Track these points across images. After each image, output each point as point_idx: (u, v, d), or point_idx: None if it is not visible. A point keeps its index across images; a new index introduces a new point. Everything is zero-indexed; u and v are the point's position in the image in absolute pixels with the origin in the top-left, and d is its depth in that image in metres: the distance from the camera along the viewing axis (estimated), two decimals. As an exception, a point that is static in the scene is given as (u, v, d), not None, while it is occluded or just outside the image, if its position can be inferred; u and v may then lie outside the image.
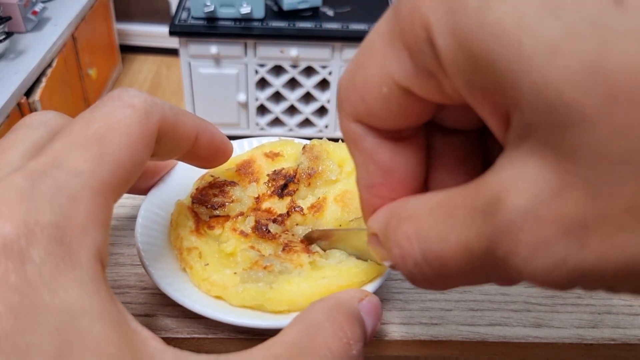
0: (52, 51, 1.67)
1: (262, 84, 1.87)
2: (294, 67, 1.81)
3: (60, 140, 0.21)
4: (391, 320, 0.31)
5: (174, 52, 2.30)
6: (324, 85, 1.88)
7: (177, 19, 1.74)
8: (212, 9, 1.69)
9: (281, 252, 0.31)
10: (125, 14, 2.43)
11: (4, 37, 1.52)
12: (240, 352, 0.21)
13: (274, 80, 1.84)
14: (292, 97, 1.87)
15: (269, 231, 0.33)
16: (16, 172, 0.19)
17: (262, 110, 1.92)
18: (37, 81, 1.58)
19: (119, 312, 0.19)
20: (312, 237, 0.32)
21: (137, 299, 0.31)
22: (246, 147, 0.38)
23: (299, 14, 1.79)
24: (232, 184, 0.35)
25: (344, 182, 0.35)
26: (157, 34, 2.44)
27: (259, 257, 0.31)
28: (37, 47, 1.63)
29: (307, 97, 1.91)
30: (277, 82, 1.84)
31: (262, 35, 1.72)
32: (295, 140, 0.38)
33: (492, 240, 0.15)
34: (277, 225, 0.33)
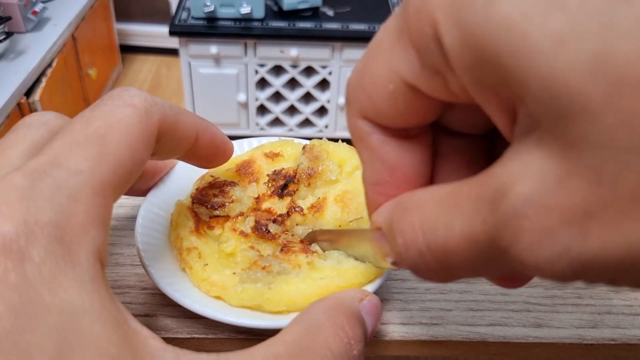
0: (52, 51, 1.67)
1: (262, 84, 1.87)
2: (294, 67, 1.81)
3: (60, 139, 0.21)
4: (391, 320, 0.31)
5: (174, 52, 2.30)
6: (324, 85, 1.88)
7: (177, 19, 1.74)
8: (212, 9, 1.69)
9: (279, 252, 0.31)
10: (125, 14, 2.43)
11: (4, 37, 1.52)
12: (240, 351, 0.21)
13: (274, 80, 1.84)
14: (292, 97, 1.87)
15: (269, 231, 0.33)
16: (16, 171, 0.19)
17: (262, 110, 1.92)
18: (37, 81, 1.58)
19: (118, 311, 0.19)
20: (313, 237, 0.32)
21: (137, 299, 0.31)
22: (246, 147, 0.38)
23: (299, 14, 1.79)
24: (232, 184, 0.35)
25: (344, 183, 0.35)
26: (157, 34, 2.44)
27: (258, 257, 0.31)
28: (37, 47, 1.63)
29: (307, 97, 1.91)
30: (277, 82, 1.84)
31: (262, 35, 1.72)
32: (295, 140, 0.38)
33: (497, 229, 0.15)
34: (277, 225, 0.33)
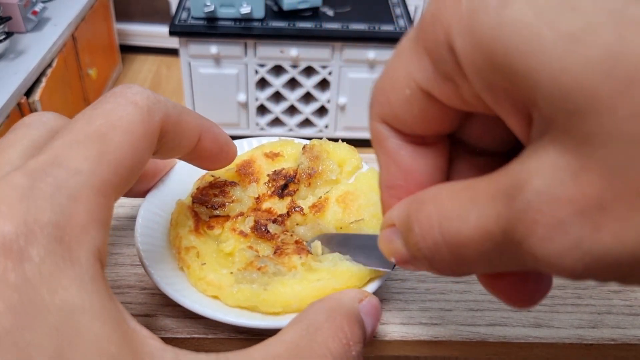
0: (52, 51, 1.66)
1: (262, 84, 1.87)
2: (294, 67, 1.81)
3: (61, 138, 0.21)
4: (391, 320, 0.31)
5: (174, 52, 2.30)
6: (324, 85, 1.88)
7: (177, 19, 1.74)
8: (212, 9, 1.69)
9: (273, 255, 0.31)
10: (125, 14, 2.43)
11: (4, 37, 1.52)
12: (239, 351, 0.21)
13: (274, 80, 1.84)
14: (292, 97, 1.87)
15: (268, 231, 0.32)
16: (16, 170, 0.19)
17: (262, 110, 1.92)
18: (37, 81, 1.58)
19: (118, 311, 0.19)
20: (321, 240, 0.32)
21: (137, 299, 0.31)
22: (246, 147, 0.38)
23: (299, 14, 1.79)
24: (233, 184, 0.35)
25: (346, 183, 0.35)
26: (157, 34, 2.44)
27: (254, 257, 0.31)
28: (37, 47, 1.63)
29: (307, 97, 1.90)
30: (277, 82, 1.84)
31: (262, 35, 1.72)
32: (295, 140, 0.38)
33: (511, 223, 0.16)
34: (277, 225, 0.33)
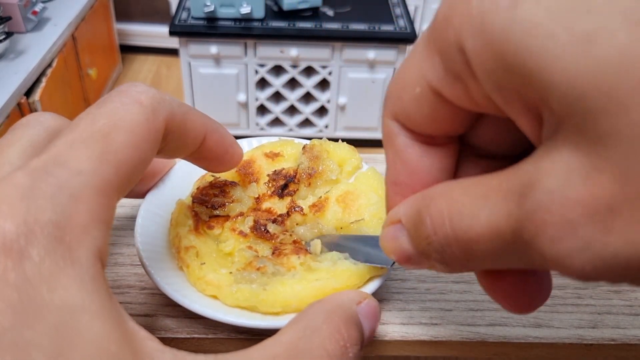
0: (52, 51, 1.66)
1: (262, 84, 1.87)
2: (294, 67, 1.81)
3: (64, 137, 0.20)
4: (391, 320, 0.31)
5: (174, 52, 2.30)
6: (324, 85, 1.88)
7: (177, 19, 1.74)
8: (212, 9, 1.69)
9: (272, 255, 0.31)
10: (125, 14, 2.43)
11: (4, 37, 1.52)
12: (238, 351, 0.21)
13: (274, 80, 1.84)
14: (292, 97, 1.87)
15: (268, 231, 0.32)
16: (18, 170, 0.19)
17: (262, 110, 1.92)
18: (37, 81, 1.58)
19: (118, 311, 0.19)
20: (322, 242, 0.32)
21: (137, 299, 0.31)
22: (246, 147, 0.38)
23: (299, 14, 1.79)
24: (233, 184, 0.35)
25: (346, 183, 0.35)
26: (157, 34, 2.44)
27: (254, 257, 0.31)
28: (37, 47, 1.63)
29: (307, 97, 1.90)
30: (277, 82, 1.84)
31: (262, 35, 1.72)
32: (295, 140, 0.38)
33: (521, 222, 0.16)
34: (277, 225, 0.33)
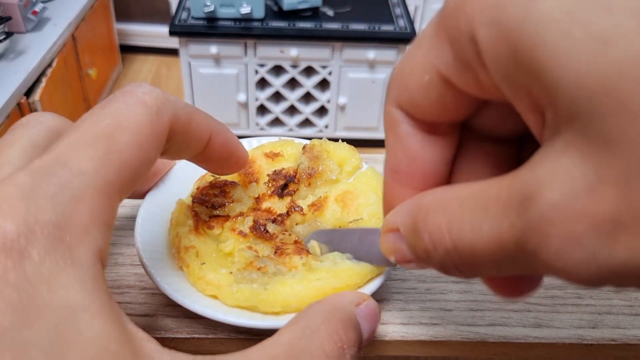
0: (52, 51, 1.66)
1: (262, 84, 1.87)
2: (294, 67, 1.81)
3: (67, 137, 0.20)
4: (391, 320, 0.31)
5: (174, 52, 2.30)
6: (324, 85, 1.88)
7: (177, 19, 1.74)
8: (212, 9, 1.69)
9: (274, 255, 0.31)
10: (125, 14, 2.43)
11: (4, 37, 1.52)
12: (237, 352, 0.21)
13: (274, 80, 1.84)
14: (292, 97, 1.87)
15: (267, 231, 0.32)
16: (21, 170, 0.19)
17: (262, 110, 1.92)
18: (37, 81, 1.58)
19: (117, 312, 0.19)
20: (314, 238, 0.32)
21: (137, 299, 0.31)
22: (246, 147, 0.38)
23: (299, 14, 1.79)
24: (233, 184, 0.35)
25: (345, 183, 0.35)
26: (157, 34, 2.44)
27: (254, 257, 0.31)
28: (37, 47, 1.63)
29: (307, 97, 1.90)
30: (277, 82, 1.84)
31: (262, 35, 1.72)
32: (295, 140, 0.38)
33: (524, 234, 0.15)
34: (277, 225, 0.33)
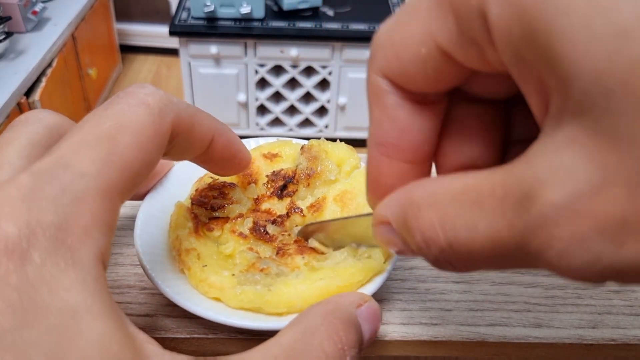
0: (52, 51, 1.66)
1: (262, 84, 1.87)
2: (294, 67, 1.81)
3: (69, 139, 0.20)
4: (391, 320, 0.31)
5: (174, 52, 2.30)
6: (324, 85, 1.88)
7: (177, 19, 1.74)
8: (212, 9, 1.69)
9: (275, 256, 0.31)
10: (125, 14, 2.43)
11: (4, 37, 1.52)
12: (238, 354, 0.21)
13: (274, 80, 1.84)
14: (292, 97, 1.87)
15: (267, 232, 0.32)
16: (23, 172, 0.19)
17: (262, 110, 1.92)
18: (37, 81, 1.58)
19: (119, 313, 0.19)
20: (307, 232, 0.32)
21: (137, 299, 0.31)
22: (245, 148, 0.38)
23: (299, 14, 1.79)
24: (231, 185, 0.35)
25: (343, 182, 0.35)
26: (157, 34, 2.44)
27: (256, 259, 0.31)
28: (37, 47, 1.63)
29: (307, 97, 1.90)
30: (277, 82, 1.84)
31: (262, 35, 1.72)
32: (293, 140, 0.38)
33: (525, 233, 0.15)
34: (276, 226, 0.33)
